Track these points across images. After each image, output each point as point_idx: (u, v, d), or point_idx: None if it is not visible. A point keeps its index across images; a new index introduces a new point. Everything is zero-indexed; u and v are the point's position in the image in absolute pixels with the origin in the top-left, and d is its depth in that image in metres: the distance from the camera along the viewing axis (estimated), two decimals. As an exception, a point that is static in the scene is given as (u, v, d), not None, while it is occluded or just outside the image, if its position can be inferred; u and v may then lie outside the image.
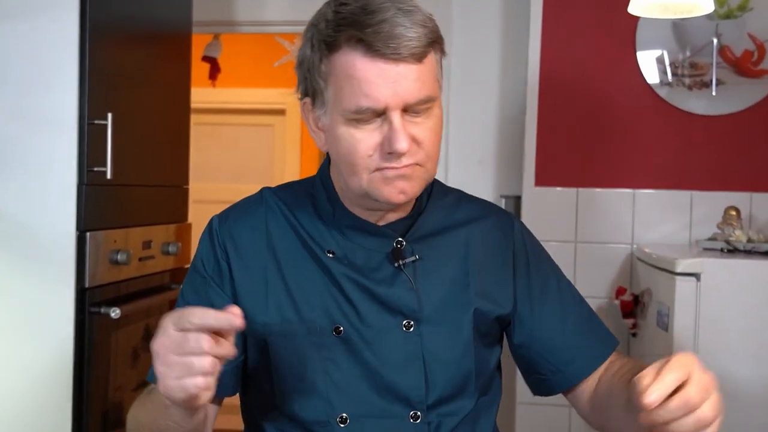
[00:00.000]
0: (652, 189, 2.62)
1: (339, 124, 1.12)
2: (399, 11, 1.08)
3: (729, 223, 2.28)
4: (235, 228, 1.25)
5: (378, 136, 1.11)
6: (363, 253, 1.21)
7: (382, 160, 1.11)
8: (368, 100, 1.08)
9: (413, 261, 1.21)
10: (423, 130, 1.12)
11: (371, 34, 1.06)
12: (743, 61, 2.55)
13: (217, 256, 1.23)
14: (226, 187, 4.91)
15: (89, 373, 2.14)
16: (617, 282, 2.61)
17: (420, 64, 1.09)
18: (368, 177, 1.13)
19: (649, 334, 2.27)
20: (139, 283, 2.40)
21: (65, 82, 2.07)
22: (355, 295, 1.19)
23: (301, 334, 1.19)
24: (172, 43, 2.68)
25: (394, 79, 1.08)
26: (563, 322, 1.27)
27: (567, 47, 2.66)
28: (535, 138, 2.68)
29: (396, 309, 1.19)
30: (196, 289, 1.24)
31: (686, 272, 2.00)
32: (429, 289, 1.21)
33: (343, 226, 1.22)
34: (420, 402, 1.19)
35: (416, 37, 1.08)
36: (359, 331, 1.19)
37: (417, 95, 1.09)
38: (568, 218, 2.65)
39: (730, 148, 2.58)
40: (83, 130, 2.10)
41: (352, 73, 1.08)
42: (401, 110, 1.10)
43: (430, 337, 1.20)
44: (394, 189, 1.13)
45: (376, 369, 1.18)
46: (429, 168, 1.16)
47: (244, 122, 5.08)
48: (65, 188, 2.08)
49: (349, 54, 1.08)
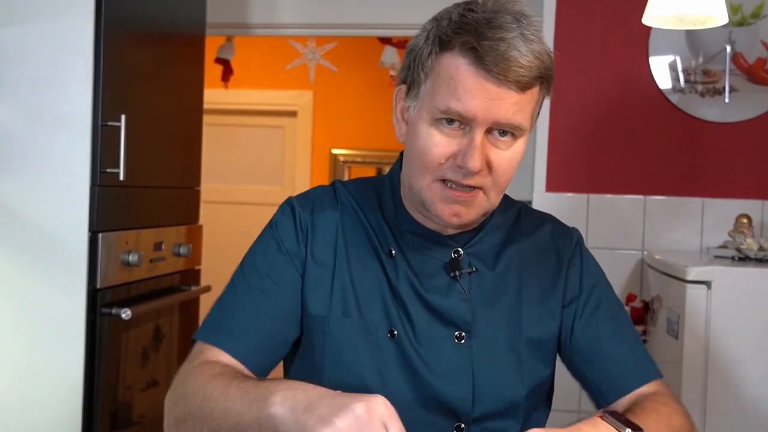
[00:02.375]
0: (663, 195, 2.61)
1: (424, 121, 1.12)
2: (521, 36, 1.07)
3: (740, 230, 2.27)
4: (316, 215, 1.24)
5: (455, 146, 1.10)
6: (420, 258, 1.21)
7: (450, 171, 1.11)
8: (459, 105, 1.08)
9: (470, 273, 1.20)
10: (500, 157, 1.12)
11: (486, 47, 1.06)
12: (756, 69, 2.54)
13: (298, 237, 1.22)
14: (237, 188, 4.93)
15: (100, 373, 2.15)
16: (627, 288, 2.60)
17: (522, 93, 1.09)
18: (430, 184, 1.13)
19: (659, 342, 2.26)
20: (150, 284, 2.41)
21: (79, 83, 2.09)
22: (410, 301, 1.19)
23: (359, 330, 1.18)
24: (185, 45, 2.70)
25: (492, 97, 1.07)
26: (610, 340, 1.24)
27: (579, 52, 2.66)
28: (546, 143, 2.67)
29: (449, 319, 1.18)
30: (272, 265, 1.21)
31: (697, 280, 1.99)
32: (484, 302, 1.20)
33: (403, 230, 1.22)
34: (466, 414, 1.17)
35: (527, 66, 1.07)
36: (411, 338, 1.18)
37: (508, 117, 1.09)
38: (579, 224, 2.63)
39: (742, 155, 2.57)
40: (96, 132, 2.11)
41: (454, 75, 1.08)
42: (486, 129, 1.09)
43: (481, 351, 1.18)
44: (449, 210, 1.13)
45: (424, 377, 1.17)
46: (492, 197, 1.15)
47: (255, 123, 5.09)
48: (78, 189, 2.09)
49: (459, 58, 1.08)
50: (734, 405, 1.98)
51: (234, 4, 3.18)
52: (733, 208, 2.46)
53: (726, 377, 1.98)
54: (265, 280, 1.21)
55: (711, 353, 1.98)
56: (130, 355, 2.33)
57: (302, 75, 4.64)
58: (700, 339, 1.99)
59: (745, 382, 1.98)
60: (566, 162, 2.67)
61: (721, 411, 1.98)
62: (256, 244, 1.26)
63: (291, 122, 5.06)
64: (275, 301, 1.20)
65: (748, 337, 1.98)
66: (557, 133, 2.67)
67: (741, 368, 1.98)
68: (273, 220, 1.26)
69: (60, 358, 2.11)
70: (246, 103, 4.98)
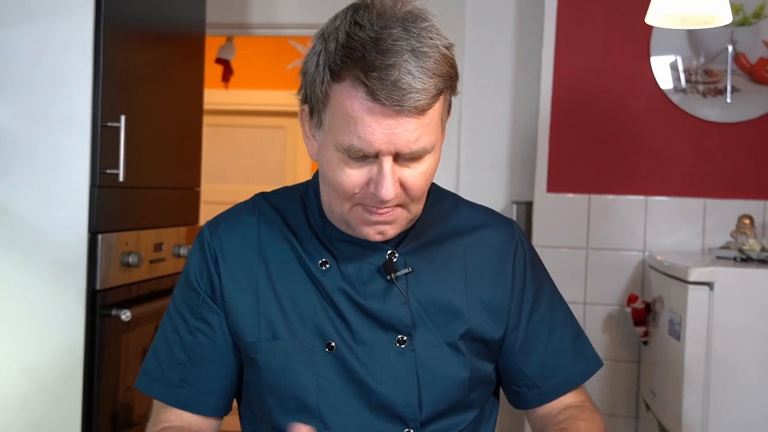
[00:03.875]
0: (665, 196, 2.60)
1: (330, 151, 1.09)
2: (412, 54, 1.02)
3: (742, 231, 2.26)
4: (226, 238, 1.21)
5: (366, 175, 1.08)
6: (354, 265, 1.18)
7: (365, 198, 1.09)
8: (361, 143, 1.04)
9: (406, 274, 1.18)
10: (413, 176, 1.09)
11: (376, 80, 1.01)
12: (758, 69, 2.53)
13: (210, 270, 1.20)
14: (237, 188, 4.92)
15: (99, 375, 2.15)
16: (629, 289, 2.60)
17: (422, 117, 1.04)
18: (351, 209, 1.11)
19: (661, 343, 2.25)
20: (150, 285, 2.41)
21: (79, 83, 2.08)
22: (347, 310, 1.16)
23: (292, 351, 1.16)
24: (185, 45, 2.69)
25: (392, 128, 1.03)
26: (548, 339, 1.25)
27: (581, 52, 2.65)
28: (547, 143, 2.67)
29: (388, 324, 1.16)
30: (190, 304, 1.21)
31: (699, 281, 1.99)
32: (423, 301, 1.18)
33: (333, 239, 1.19)
34: (413, 419, 1.16)
35: (423, 89, 1.02)
36: (351, 347, 1.16)
37: (411, 147, 1.05)
38: (580, 225, 2.64)
39: (744, 155, 2.56)
40: (96, 132, 2.10)
41: (350, 112, 1.04)
42: (393, 156, 1.06)
43: (424, 353, 1.17)
44: (374, 230, 1.12)
45: (368, 386, 1.15)
46: (412, 209, 1.14)
47: (256, 124, 5.09)
48: (77, 190, 2.08)
49: (351, 91, 1.04)
50: (736, 407, 1.97)
51: (234, 4, 3.17)
52: (735, 209, 2.46)
53: (728, 379, 1.98)
54: (188, 320, 1.21)
55: (713, 355, 1.98)
56: (130, 356, 2.32)
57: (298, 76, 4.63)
58: (702, 340, 1.98)
59: (747, 384, 1.97)
60: (567, 163, 2.66)
61: (723, 413, 1.97)
62: (180, 278, 1.26)
63: (292, 123, 5.05)
64: (205, 340, 1.20)
65: (751, 339, 1.98)
66: (558, 133, 2.66)
67: (743, 370, 1.97)
68: (190, 252, 1.25)
69: (60, 359, 2.10)
70: (246, 104, 4.97)
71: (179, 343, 1.21)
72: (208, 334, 1.20)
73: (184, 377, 1.20)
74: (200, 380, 1.21)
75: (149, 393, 1.24)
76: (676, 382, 2.04)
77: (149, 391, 1.23)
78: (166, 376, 1.21)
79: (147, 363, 1.25)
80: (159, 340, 1.24)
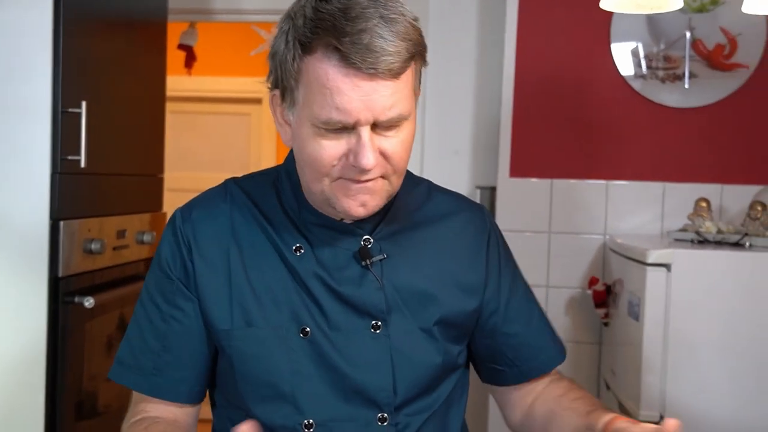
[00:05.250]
0: (626, 180, 2.65)
1: (306, 128, 1.09)
2: (382, 20, 1.03)
3: (699, 214, 2.31)
4: (198, 224, 1.20)
5: (344, 147, 1.07)
6: (330, 250, 1.18)
7: (345, 171, 1.09)
8: (339, 114, 1.04)
9: (381, 260, 1.18)
10: (393, 144, 1.09)
11: (349, 44, 1.01)
12: (715, 55, 2.58)
13: (183, 256, 1.19)
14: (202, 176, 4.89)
15: (63, 363, 2.13)
16: (590, 272, 2.64)
17: (396, 80, 1.05)
18: (330, 185, 1.11)
19: (621, 324, 2.30)
20: (114, 272, 2.39)
21: (39, 70, 2.06)
22: (322, 296, 1.16)
23: (266, 337, 1.16)
24: (147, 31, 2.67)
25: (368, 93, 1.04)
26: (529, 319, 1.29)
27: (543, 39, 2.68)
28: (510, 129, 2.69)
29: (363, 310, 1.17)
30: (163, 291, 1.21)
31: (657, 263, 2.03)
32: (398, 287, 1.19)
33: (308, 223, 1.19)
34: (388, 404, 1.17)
35: (396, 52, 1.03)
36: (326, 333, 1.16)
37: (389, 114, 1.06)
38: (543, 209, 2.68)
39: (701, 140, 2.61)
40: (57, 119, 2.08)
41: (325, 83, 1.04)
42: (371, 125, 1.06)
43: (399, 338, 1.18)
44: (355, 202, 1.11)
45: (343, 372, 1.16)
46: (393, 181, 1.13)
47: (220, 111, 5.06)
48: (38, 177, 2.06)
49: (324, 61, 1.04)
50: (693, 385, 2.02)
51: (197, -11, 3.15)
52: (692, 193, 2.51)
53: (685, 357, 2.02)
54: (162, 307, 1.20)
55: (671, 335, 2.02)
56: (95, 345, 2.31)
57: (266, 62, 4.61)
58: (660, 321, 2.03)
59: (703, 362, 2.02)
60: (530, 148, 2.69)
61: (680, 391, 2.02)
62: (152, 264, 1.25)
63: (256, 109, 5.03)
64: (178, 327, 1.20)
65: (707, 319, 2.03)
66: (521, 119, 2.69)
67: (700, 349, 2.02)
68: (162, 238, 1.24)
69: (22, 347, 2.09)
70: (211, 91, 4.94)
71: (152, 330, 1.20)
72: (181, 321, 1.19)
73: (158, 365, 1.20)
74: (174, 368, 1.20)
75: (123, 382, 1.23)
76: (635, 362, 2.08)
77: (123, 381, 1.23)
78: (140, 364, 1.21)
79: (121, 352, 1.24)
80: (132, 328, 1.23)
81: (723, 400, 2.02)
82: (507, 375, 1.30)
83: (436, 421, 1.23)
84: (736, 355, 2.02)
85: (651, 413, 2.02)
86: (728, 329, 2.02)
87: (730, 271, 2.04)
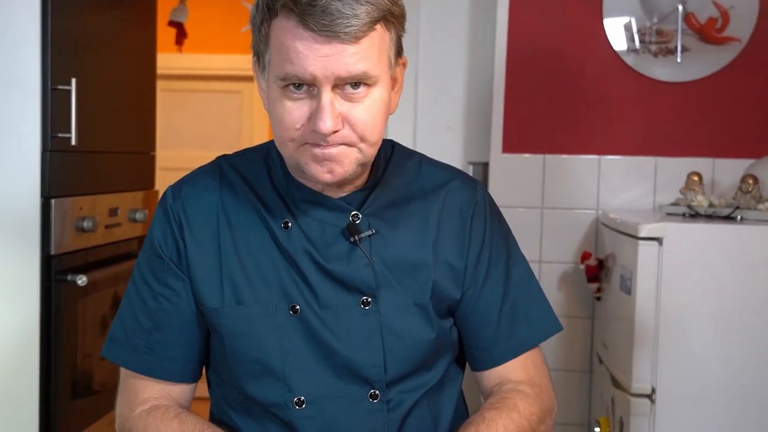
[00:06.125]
0: (618, 155, 2.65)
1: (273, 90, 1.09)
2: None
3: (691, 188, 2.31)
4: (189, 202, 1.20)
5: (307, 110, 1.07)
6: (318, 226, 1.17)
7: (308, 135, 1.08)
8: (294, 68, 1.04)
9: (369, 236, 1.17)
10: (358, 110, 1.08)
11: (305, 6, 1.02)
12: (707, 28, 2.57)
13: (174, 234, 1.20)
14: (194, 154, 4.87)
15: (57, 342, 2.14)
16: (582, 247, 2.65)
17: (357, 44, 1.04)
18: (296, 149, 1.10)
19: (613, 298, 2.31)
20: (107, 250, 2.39)
21: (28, 47, 2.04)
22: (311, 273, 1.16)
23: (256, 315, 1.16)
24: (137, 8, 2.64)
25: (326, 55, 1.03)
26: (502, 301, 1.24)
27: (535, 13, 2.66)
28: (502, 105, 2.69)
29: (353, 286, 1.16)
30: (154, 270, 1.21)
31: (649, 237, 2.04)
32: (387, 262, 1.18)
33: (297, 199, 1.18)
34: (379, 381, 1.16)
35: (353, 15, 1.02)
36: (316, 310, 1.16)
37: (349, 71, 1.05)
38: (535, 184, 2.68)
39: (693, 114, 2.61)
40: (47, 96, 2.07)
41: (283, 41, 1.05)
42: (333, 87, 1.06)
43: (389, 314, 1.17)
44: (322, 168, 1.10)
45: (333, 349, 1.15)
46: (364, 149, 1.11)
47: (211, 89, 5.03)
48: (29, 154, 2.06)
49: (283, 22, 1.05)
50: (685, 359, 2.04)
51: (186, -35, 3.12)
52: (684, 167, 2.51)
53: (677, 331, 2.04)
54: (153, 286, 1.20)
55: (662, 308, 2.03)
56: (88, 323, 2.31)
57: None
58: (651, 294, 2.04)
59: (695, 336, 2.04)
60: (522, 123, 2.69)
61: (671, 365, 2.04)
62: (144, 244, 1.25)
63: (248, 87, 5.00)
64: (170, 306, 1.20)
65: (699, 292, 2.04)
66: (513, 94, 2.68)
67: (691, 322, 2.04)
68: (153, 217, 1.24)
69: (15, 327, 2.09)
70: (201, 68, 4.90)
71: (144, 309, 1.21)
72: (172, 300, 1.19)
73: (150, 344, 1.20)
74: (166, 346, 1.20)
75: (115, 360, 1.24)
76: (627, 336, 2.09)
77: (115, 359, 1.23)
78: (132, 342, 1.21)
79: (113, 330, 1.24)
80: (124, 306, 1.24)
81: (714, 373, 2.03)
82: (477, 360, 1.25)
83: (430, 399, 1.22)
84: (727, 328, 2.03)
85: (643, 386, 2.04)
86: (720, 302, 2.03)
87: (721, 244, 2.04)
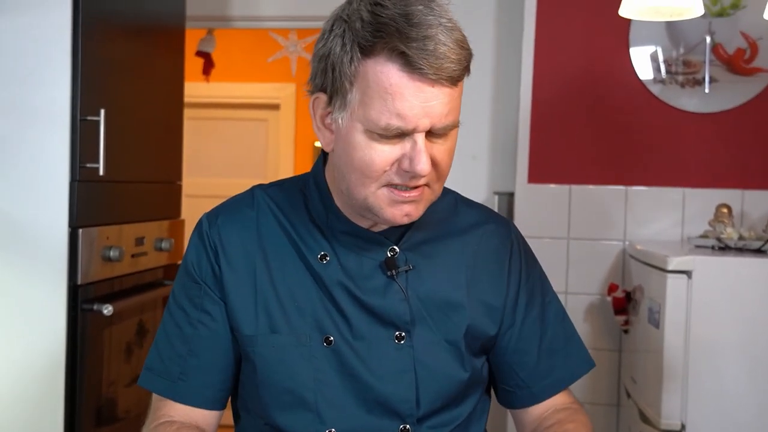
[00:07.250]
0: (645, 186, 2.63)
1: (358, 132, 1.08)
2: (442, 27, 1.04)
3: (720, 220, 2.28)
4: (225, 230, 1.21)
5: (398, 152, 1.07)
6: (355, 259, 1.17)
7: (396, 176, 1.08)
8: (399, 120, 1.04)
9: (406, 271, 1.18)
10: (441, 152, 1.10)
11: (416, 49, 1.02)
12: (736, 59, 2.56)
13: (210, 260, 1.20)
14: (220, 182, 4.91)
15: (82, 370, 2.14)
16: (609, 279, 2.62)
17: (454, 88, 1.07)
18: (377, 192, 1.10)
19: (641, 331, 2.28)
20: (132, 279, 2.40)
21: (58, 77, 2.07)
22: (347, 305, 1.16)
23: (290, 344, 1.16)
24: (165, 38, 2.68)
25: (429, 99, 1.04)
26: (540, 339, 1.25)
27: (561, 43, 2.66)
28: (528, 134, 2.68)
29: (388, 320, 1.16)
30: (190, 296, 1.21)
31: (678, 270, 2.01)
32: (422, 298, 1.18)
33: (336, 231, 1.18)
34: (410, 415, 1.16)
35: (457, 60, 1.05)
36: (350, 342, 1.16)
37: (444, 121, 1.07)
38: (561, 215, 2.66)
39: (722, 145, 2.59)
40: (75, 126, 2.09)
41: (387, 87, 1.04)
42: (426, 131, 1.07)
43: (423, 349, 1.17)
44: (400, 212, 1.11)
45: (366, 382, 1.15)
46: (436, 189, 1.13)
47: (238, 117, 5.08)
48: (58, 184, 2.07)
49: (387, 65, 1.04)
50: (715, 393, 2.00)
51: (214, -4, 3.16)
52: (713, 198, 2.48)
53: (706, 365, 2.00)
54: (189, 312, 1.20)
55: (692, 342, 2.00)
56: (113, 351, 2.32)
57: (284, 68, 4.62)
58: (680, 328, 2.00)
59: (725, 370, 2.00)
60: (548, 153, 2.67)
61: (701, 400, 2.00)
62: (179, 271, 1.25)
63: (274, 115, 5.04)
64: (206, 331, 1.20)
65: (728, 326, 2.00)
66: (539, 124, 2.68)
67: (721, 356, 2.00)
68: (188, 244, 1.24)
69: (41, 355, 2.10)
70: (228, 97, 4.96)
71: (180, 336, 1.21)
72: (209, 325, 1.19)
73: (185, 370, 1.20)
74: (200, 372, 1.20)
75: (150, 388, 1.23)
76: (655, 370, 2.06)
77: (150, 386, 1.23)
78: (167, 369, 1.21)
79: (150, 358, 1.24)
80: (160, 334, 1.24)
81: (746, 408, 1.99)
82: (518, 397, 1.26)
83: None
84: (757, 362, 1.99)
85: (672, 422, 2.00)
86: (750, 337, 1.99)
87: (751, 277, 2.01)
